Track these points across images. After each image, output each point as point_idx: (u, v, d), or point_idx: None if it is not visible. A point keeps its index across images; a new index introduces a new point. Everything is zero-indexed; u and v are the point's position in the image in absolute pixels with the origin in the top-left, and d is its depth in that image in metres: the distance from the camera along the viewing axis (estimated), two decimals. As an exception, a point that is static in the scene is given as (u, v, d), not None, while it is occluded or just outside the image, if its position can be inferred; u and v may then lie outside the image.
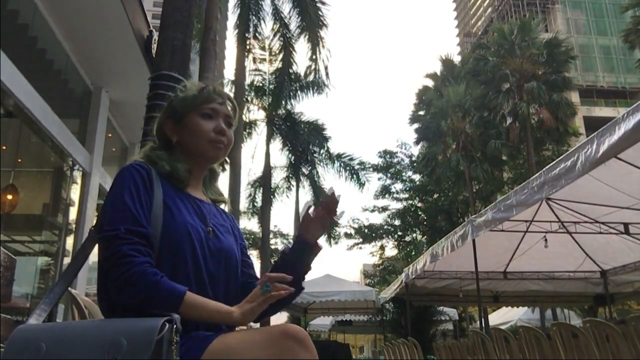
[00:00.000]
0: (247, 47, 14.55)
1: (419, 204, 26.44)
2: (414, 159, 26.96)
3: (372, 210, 26.78)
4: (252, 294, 1.15)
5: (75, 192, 6.55)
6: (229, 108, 1.43)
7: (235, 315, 1.14)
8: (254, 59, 16.73)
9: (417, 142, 27.94)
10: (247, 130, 19.41)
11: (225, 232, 1.37)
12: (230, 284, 1.32)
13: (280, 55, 15.23)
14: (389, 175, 26.52)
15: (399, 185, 26.83)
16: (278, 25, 14.81)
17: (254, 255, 30.54)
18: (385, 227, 26.56)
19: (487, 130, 23.09)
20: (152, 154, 1.35)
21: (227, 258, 1.32)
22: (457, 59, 32.71)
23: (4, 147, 5.35)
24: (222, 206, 1.51)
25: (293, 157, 21.19)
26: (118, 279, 1.11)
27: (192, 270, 1.23)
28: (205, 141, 1.36)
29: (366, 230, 26.43)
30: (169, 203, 1.26)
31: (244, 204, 20.69)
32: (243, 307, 1.15)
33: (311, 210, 1.37)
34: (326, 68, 15.24)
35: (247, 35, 14.23)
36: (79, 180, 6.56)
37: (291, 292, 1.13)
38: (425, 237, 25.48)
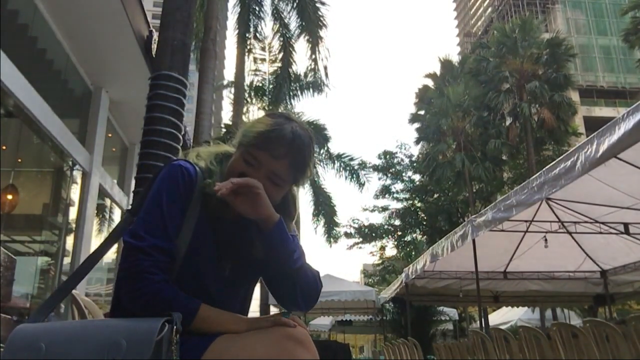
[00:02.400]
0: (247, 47, 14.56)
1: (419, 204, 26.41)
2: (413, 159, 26.95)
3: (372, 210, 26.78)
4: (271, 315, 1.17)
5: (75, 192, 6.55)
6: (286, 165, 1.22)
7: (243, 330, 1.15)
8: (254, 59, 16.73)
9: (417, 142, 27.94)
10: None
11: (246, 263, 1.31)
12: (237, 307, 1.32)
13: (280, 55, 15.23)
14: (389, 175, 26.51)
15: (399, 185, 26.83)
16: (278, 26, 14.81)
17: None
18: (385, 227, 26.54)
19: (487, 130, 23.09)
20: (213, 167, 1.27)
21: (241, 291, 1.33)
22: (457, 59, 32.66)
23: (4, 147, 5.35)
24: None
25: (293, 157, 21.17)
26: (133, 292, 1.14)
27: (202, 299, 1.21)
28: None
29: (366, 230, 26.41)
30: (198, 228, 1.23)
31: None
32: (254, 324, 1.15)
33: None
34: (325, 68, 15.28)
35: (247, 35, 14.24)
36: (79, 180, 6.56)
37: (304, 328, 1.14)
38: (425, 237, 25.46)
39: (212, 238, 1.26)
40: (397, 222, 26.44)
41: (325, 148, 21.64)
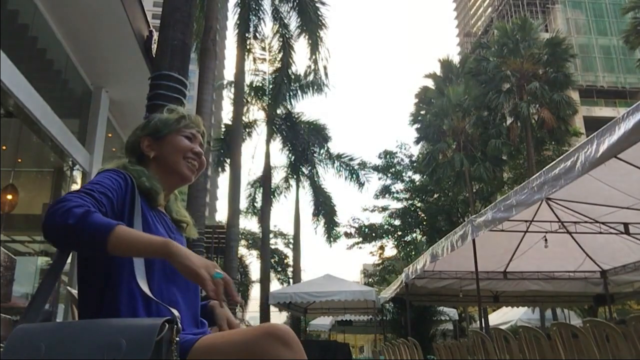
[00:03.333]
0: (247, 47, 14.56)
1: (419, 204, 26.41)
2: (413, 159, 26.95)
3: (372, 210, 26.77)
4: (208, 261, 1.15)
5: (75, 192, 6.54)
6: (202, 133, 1.56)
7: (172, 247, 1.10)
8: (254, 59, 16.75)
9: (417, 142, 27.93)
10: (247, 130, 19.41)
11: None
12: (193, 289, 1.35)
13: (280, 55, 15.24)
14: (389, 175, 26.51)
15: (399, 185, 26.82)
16: (277, 26, 14.82)
17: (254, 255, 30.54)
18: (385, 227, 26.53)
19: (487, 130, 23.08)
20: (132, 169, 1.37)
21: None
22: (457, 59, 32.67)
23: (4, 147, 5.35)
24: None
25: (293, 157, 21.19)
26: (53, 213, 1.09)
27: (163, 281, 1.25)
28: (183, 158, 1.46)
29: (366, 230, 26.40)
30: (146, 215, 1.32)
31: (244, 204, 20.72)
32: (185, 248, 1.12)
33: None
34: (325, 68, 15.32)
35: (247, 35, 14.24)
36: (79, 180, 6.56)
37: (221, 301, 1.12)
38: (425, 237, 25.45)
39: (161, 227, 1.35)
40: (397, 222, 26.44)
41: (325, 148, 21.66)
